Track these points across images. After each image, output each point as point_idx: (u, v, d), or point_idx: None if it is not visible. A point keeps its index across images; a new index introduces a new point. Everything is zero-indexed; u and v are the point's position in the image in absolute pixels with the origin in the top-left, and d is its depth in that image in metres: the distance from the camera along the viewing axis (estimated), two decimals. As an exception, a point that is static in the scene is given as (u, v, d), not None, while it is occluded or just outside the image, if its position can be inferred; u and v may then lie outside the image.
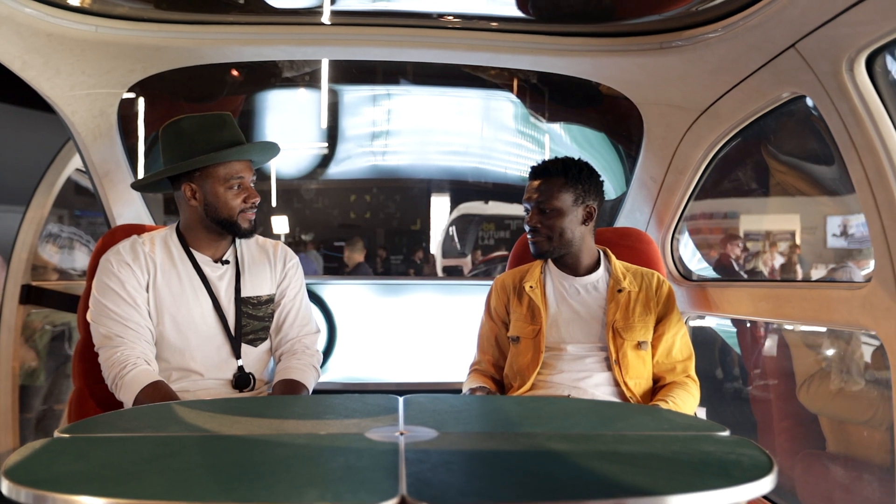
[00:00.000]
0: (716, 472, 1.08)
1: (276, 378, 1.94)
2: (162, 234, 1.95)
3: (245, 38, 2.18)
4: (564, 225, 1.99)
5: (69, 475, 1.03)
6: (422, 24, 2.21)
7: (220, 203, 1.86)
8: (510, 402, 1.71)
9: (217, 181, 1.85)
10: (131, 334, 1.81)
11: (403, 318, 3.03)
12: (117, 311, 1.81)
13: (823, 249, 7.43)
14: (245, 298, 1.93)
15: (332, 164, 8.15)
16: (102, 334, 1.81)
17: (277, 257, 2.03)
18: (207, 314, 1.89)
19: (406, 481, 0.98)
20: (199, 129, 1.85)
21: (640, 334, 2.00)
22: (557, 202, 1.98)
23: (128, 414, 1.51)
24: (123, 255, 1.86)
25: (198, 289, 1.89)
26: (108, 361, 1.79)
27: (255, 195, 1.90)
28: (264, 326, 1.97)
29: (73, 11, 1.95)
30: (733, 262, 6.23)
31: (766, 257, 6.95)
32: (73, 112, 2.23)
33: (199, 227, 1.91)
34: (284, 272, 2.03)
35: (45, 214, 2.77)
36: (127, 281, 1.83)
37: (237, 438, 1.24)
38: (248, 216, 1.89)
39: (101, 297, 1.83)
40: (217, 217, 1.87)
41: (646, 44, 2.11)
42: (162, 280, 1.87)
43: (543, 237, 2.01)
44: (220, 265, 1.93)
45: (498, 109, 6.52)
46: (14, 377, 2.64)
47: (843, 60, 1.59)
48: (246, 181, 1.89)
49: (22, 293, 2.66)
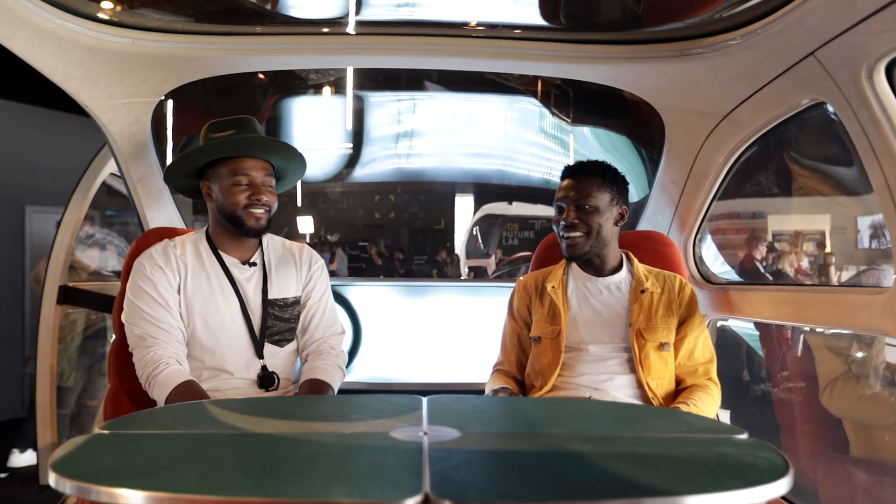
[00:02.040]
0: (732, 473, 1.09)
1: (303, 378, 1.98)
2: (192, 237, 2.00)
3: (273, 49, 2.24)
4: (602, 222, 2.02)
5: (110, 469, 1.08)
6: (445, 33, 2.24)
7: (225, 198, 1.90)
8: (531, 404, 1.73)
9: (224, 177, 1.90)
10: (164, 335, 1.86)
11: (427, 319, 3.06)
12: (150, 313, 1.87)
13: (854, 250, 7.30)
14: (272, 300, 1.97)
15: (357, 167, 8.21)
16: (136, 335, 1.87)
17: (303, 260, 2.08)
18: (235, 315, 1.94)
19: (429, 479, 1.01)
20: (220, 128, 1.93)
21: (663, 335, 2.02)
22: (595, 200, 2.00)
23: (163, 412, 1.56)
24: (156, 258, 1.92)
25: (227, 290, 1.94)
26: (142, 361, 1.84)
27: (262, 193, 1.90)
28: (290, 328, 2.02)
29: (112, 25, 2.02)
30: (758, 265, 6.14)
31: (792, 259, 6.82)
32: (110, 120, 2.30)
33: (220, 227, 1.97)
34: (310, 275, 2.07)
35: (81, 218, 2.84)
36: (159, 283, 1.89)
37: (267, 436, 1.28)
38: (254, 213, 1.90)
39: (134, 299, 1.89)
40: (225, 213, 1.92)
41: (666, 51, 2.12)
42: (192, 282, 1.92)
43: (581, 233, 2.01)
44: (248, 267, 1.98)
45: (521, 112, 6.53)
46: (52, 375, 2.71)
47: (863, 68, 1.59)
48: (255, 179, 1.90)
49: (59, 294, 2.73)
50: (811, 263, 7.10)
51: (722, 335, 3.94)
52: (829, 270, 6.84)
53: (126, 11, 2.06)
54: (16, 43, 1.90)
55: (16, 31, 1.87)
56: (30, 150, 6.82)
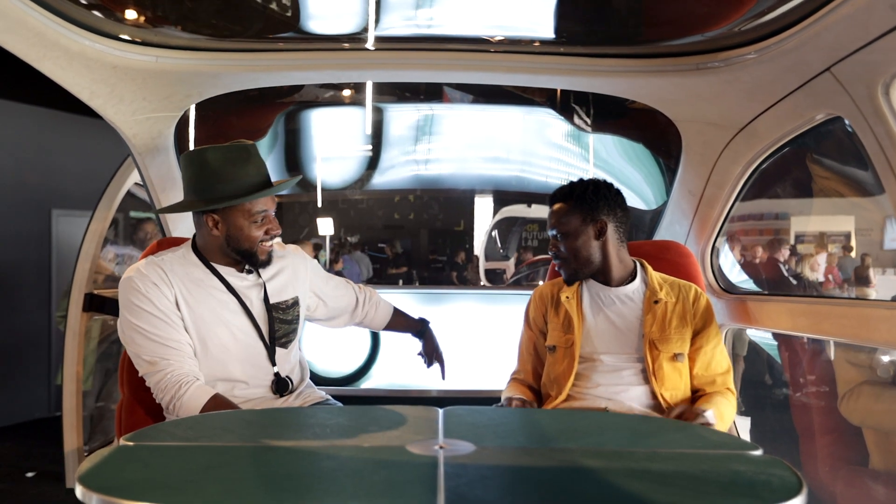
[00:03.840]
0: (744, 492, 1.09)
1: (382, 319, 2.34)
2: (178, 252, 1.93)
3: (293, 64, 2.28)
4: (578, 245, 2.03)
5: (135, 482, 1.11)
6: (462, 48, 2.26)
7: (243, 236, 1.86)
8: (547, 416, 1.75)
9: (242, 216, 1.85)
10: (174, 354, 1.80)
11: (444, 326, 3.08)
12: (155, 332, 1.79)
13: (881, 252, 7.21)
14: (275, 304, 1.96)
15: (376, 174, 8.29)
16: (146, 360, 1.79)
17: (291, 260, 2.07)
18: (244, 325, 1.91)
19: (444, 496, 1.03)
20: (225, 163, 1.83)
21: (677, 346, 2.01)
22: (565, 226, 2.04)
23: (184, 423, 1.58)
24: (148, 274, 1.83)
25: (230, 301, 1.90)
26: (160, 385, 1.78)
27: (277, 227, 1.91)
28: (294, 328, 2.02)
29: (136, 44, 2.07)
30: (783, 271, 6.03)
31: (813, 263, 6.70)
32: (135, 135, 2.36)
33: (217, 251, 1.91)
34: (306, 272, 2.09)
35: (106, 227, 2.90)
36: (157, 300, 1.81)
37: (286, 450, 1.31)
38: (266, 248, 1.90)
39: (134, 320, 1.79)
40: (238, 248, 1.87)
41: (682, 65, 2.13)
42: (192, 297, 1.86)
43: (563, 261, 2.07)
44: (245, 274, 1.94)
45: (540, 122, 6.55)
46: (78, 381, 2.77)
47: (879, 84, 1.60)
48: (270, 215, 1.90)
49: (85, 301, 2.79)
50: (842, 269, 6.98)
51: (739, 341, 3.93)
52: (867, 274, 6.64)
53: (150, 30, 2.11)
54: (46, 64, 1.95)
55: (46, 53, 1.92)
56: (56, 155, 6.93)
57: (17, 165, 6.61)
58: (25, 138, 6.70)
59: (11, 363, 6.56)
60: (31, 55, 1.89)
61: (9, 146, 6.56)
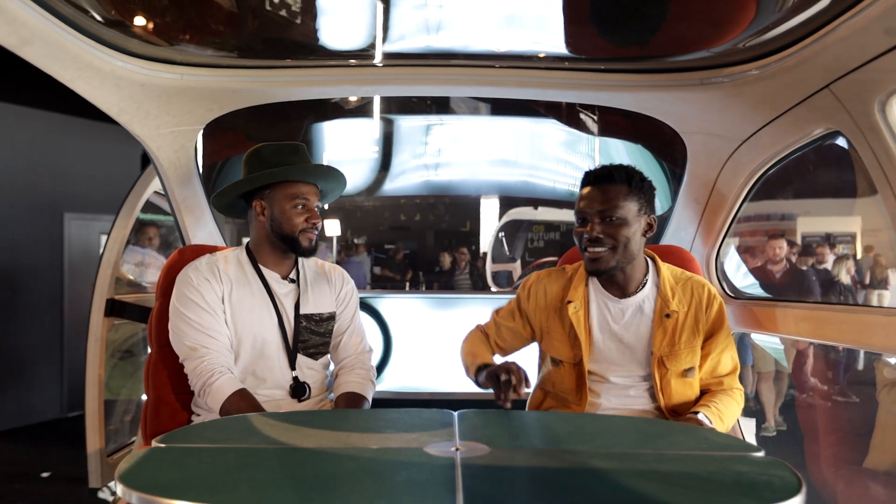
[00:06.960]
0: (747, 492, 1.15)
1: (338, 392, 2.10)
2: (234, 252, 2.10)
3: (308, 80, 2.36)
4: (630, 235, 1.84)
5: (170, 482, 1.18)
6: (468, 63, 2.31)
7: (285, 219, 2.00)
8: (557, 419, 1.80)
9: (284, 198, 2.00)
10: (214, 343, 1.95)
11: (455, 330, 3.13)
12: (199, 322, 1.95)
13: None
14: (308, 315, 2.08)
15: (386, 181, 8.36)
16: (187, 346, 1.95)
17: (336, 279, 2.20)
18: (274, 327, 2.03)
19: (463, 495, 1.09)
20: (275, 153, 2.03)
21: (686, 361, 1.93)
22: (622, 210, 1.82)
23: (213, 426, 1.64)
24: (202, 270, 2.01)
25: (267, 303, 2.04)
26: (196, 371, 1.93)
27: (317, 217, 2.04)
28: (325, 342, 2.12)
29: (162, 63, 2.16)
30: (809, 274, 5.93)
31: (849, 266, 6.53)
32: (158, 147, 2.44)
33: (265, 243, 2.06)
34: (343, 295, 2.19)
35: (127, 234, 2.97)
36: (206, 293, 1.98)
37: (310, 451, 1.37)
38: (308, 236, 2.03)
39: (183, 309, 1.97)
40: (281, 233, 2.01)
41: (686, 80, 2.19)
42: (236, 294, 2.01)
43: (607, 248, 1.84)
44: (287, 283, 2.08)
45: (547, 129, 6.60)
46: (100, 383, 2.84)
47: (876, 102, 1.66)
48: (310, 204, 2.03)
49: (107, 306, 2.86)
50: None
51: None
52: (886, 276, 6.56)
53: (176, 49, 2.19)
54: (79, 84, 2.03)
55: (80, 73, 2.01)
56: (68, 159, 7.01)
57: (29, 169, 6.69)
58: (38, 143, 6.78)
59: (24, 365, 6.64)
60: (66, 76, 1.97)
61: (21, 150, 6.64)
